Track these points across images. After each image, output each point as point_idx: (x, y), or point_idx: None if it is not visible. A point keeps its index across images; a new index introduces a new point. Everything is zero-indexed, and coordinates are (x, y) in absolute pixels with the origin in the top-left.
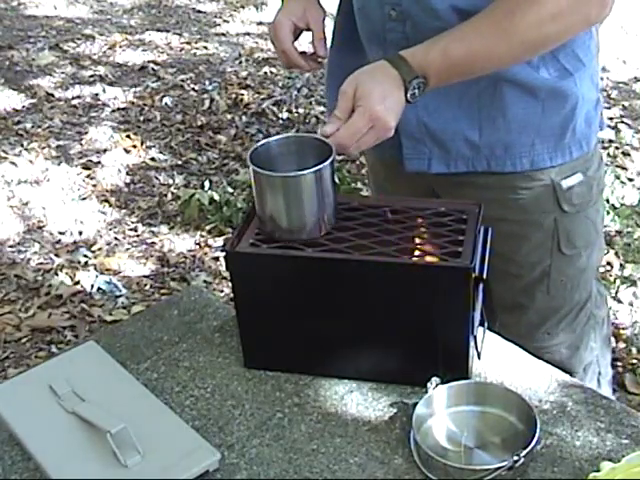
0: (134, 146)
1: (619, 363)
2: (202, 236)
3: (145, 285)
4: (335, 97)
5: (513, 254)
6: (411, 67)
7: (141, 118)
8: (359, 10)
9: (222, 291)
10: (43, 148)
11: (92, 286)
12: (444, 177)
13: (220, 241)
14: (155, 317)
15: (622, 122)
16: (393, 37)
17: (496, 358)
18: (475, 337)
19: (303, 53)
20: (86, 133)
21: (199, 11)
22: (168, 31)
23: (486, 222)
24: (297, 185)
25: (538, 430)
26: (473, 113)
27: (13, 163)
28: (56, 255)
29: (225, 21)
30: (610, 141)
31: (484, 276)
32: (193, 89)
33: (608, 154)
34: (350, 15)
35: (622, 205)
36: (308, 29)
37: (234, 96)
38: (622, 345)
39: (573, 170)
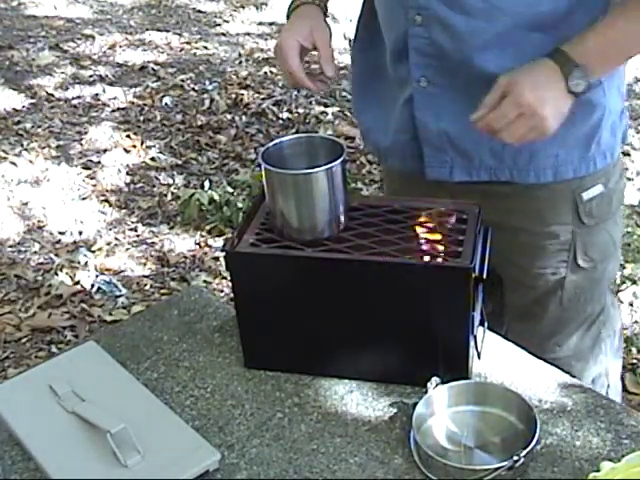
0: (134, 146)
1: None
2: (202, 236)
3: (145, 285)
4: (360, 98)
5: (529, 264)
6: (569, 57)
7: (141, 118)
8: (382, 16)
9: (222, 291)
10: (43, 148)
11: (92, 286)
12: (465, 186)
13: (220, 241)
14: (155, 317)
15: None
16: (416, 43)
17: (496, 358)
18: (475, 337)
19: (309, 73)
20: (86, 133)
21: (199, 11)
22: (168, 31)
23: (505, 232)
24: (308, 183)
25: (538, 430)
26: None
27: (13, 163)
28: (56, 255)
29: (225, 21)
30: None
31: (484, 276)
32: (193, 89)
33: None
34: (374, 17)
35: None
36: (314, 49)
37: (234, 96)
38: (622, 345)
39: (594, 182)
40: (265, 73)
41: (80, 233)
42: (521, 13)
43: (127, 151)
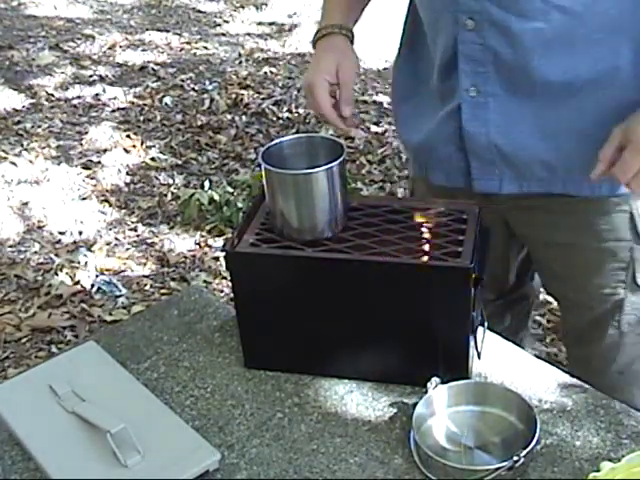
0: (134, 146)
1: None
2: (202, 236)
3: (145, 285)
4: (403, 114)
5: (585, 283)
6: None
7: (141, 118)
8: (429, 24)
9: (222, 291)
10: (43, 148)
11: (92, 286)
12: (515, 201)
13: (220, 241)
14: (155, 317)
15: None
16: (467, 50)
17: (496, 358)
18: (475, 337)
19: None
20: (86, 133)
21: (199, 11)
22: (168, 31)
23: (558, 248)
24: (308, 183)
25: (538, 430)
26: (550, 133)
27: (13, 163)
28: (56, 255)
29: (225, 21)
30: None
31: (484, 276)
32: (193, 89)
33: None
34: (418, 30)
35: None
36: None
37: (234, 96)
38: None
39: None
40: (265, 73)
41: (80, 233)
42: (580, 12)
43: (127, 151)
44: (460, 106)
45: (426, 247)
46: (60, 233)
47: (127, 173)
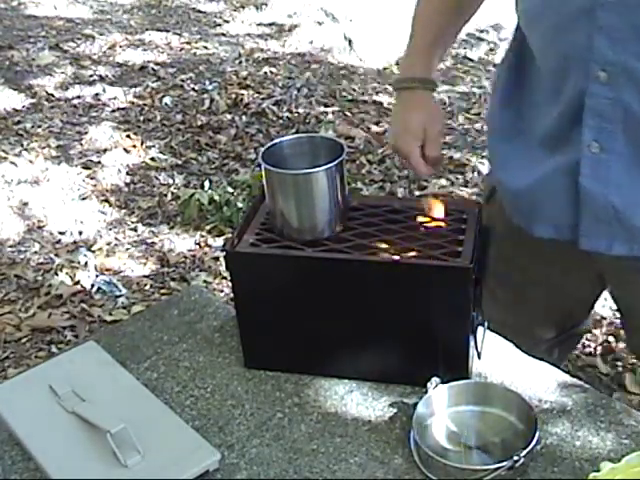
0: (134, 146)
1: (619, 363)
2: (202, 236)
3: (145, 285)
4: (500, 157)
5: None
6: None
7: (141, 118)
8: (551, 71)
9: (222, 291)
10: (43, 148)
11: (92, 286)
12: (620, 262)
13: (220, 241)
14: (155, 317)
15: None
16: (595, 103)
17: (496, 358)
18: (475, 337)
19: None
20: (86, 133)
21: (199, 11)
22: (168, 31)
23: None
24: (308, 183)
25: (538, 430)
26: None
27: (13, 163)
28: (56, 255)
29: (225, 21)
30: None
31: (484, 276)
32: (193, 89)
33: None
34: (525, 62)
35: None
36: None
37: (234, 96)
38: (622, 345)
39: None
40: (265, 73)
41: (80, 233)
42: None
43: (127, 151)
44: (578, 161)
45: (426, 247)
46: (60, 233)
47: (127, 173)
